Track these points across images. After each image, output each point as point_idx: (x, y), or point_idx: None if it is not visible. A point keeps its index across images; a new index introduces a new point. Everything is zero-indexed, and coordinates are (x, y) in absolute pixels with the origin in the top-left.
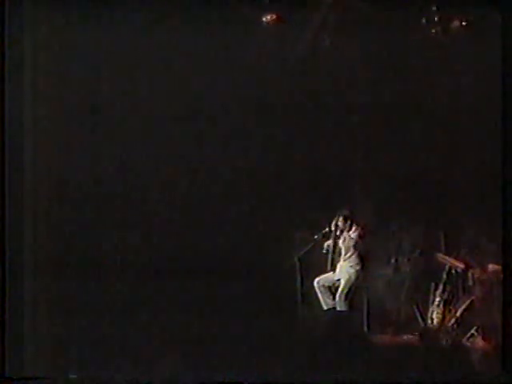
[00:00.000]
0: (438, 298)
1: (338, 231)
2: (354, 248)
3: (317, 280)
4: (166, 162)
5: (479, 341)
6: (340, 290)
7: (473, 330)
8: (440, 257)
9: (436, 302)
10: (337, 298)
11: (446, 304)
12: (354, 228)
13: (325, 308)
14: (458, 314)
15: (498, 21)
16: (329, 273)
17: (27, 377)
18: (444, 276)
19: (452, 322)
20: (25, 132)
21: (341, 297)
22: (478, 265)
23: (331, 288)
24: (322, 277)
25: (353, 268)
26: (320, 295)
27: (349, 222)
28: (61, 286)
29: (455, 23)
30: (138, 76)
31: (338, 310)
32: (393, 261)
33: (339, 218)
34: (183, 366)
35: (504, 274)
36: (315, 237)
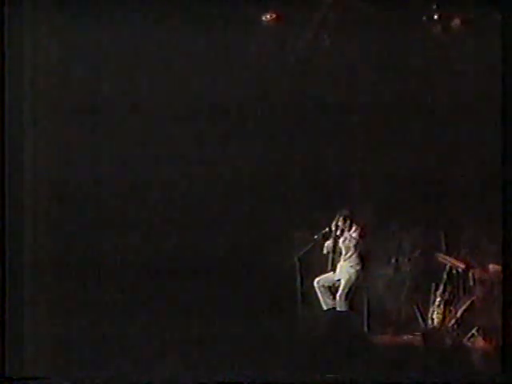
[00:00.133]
0: (438, 298)
1: (338, 231)
2: (355, 248)
3: (317, 280)
4: (166, 162)
5: (480, 341)
6: (340, 290)
7: (473, 331)
8: (440, 257)
9: (436, 302)
10: (337, 298)
11: (447, 304)
12: (354, 228)
13: (325, 308)
14: (458, 314)
15: (497, 20)
16: (329, 273)
17: (27, 377)
18: (444, 276)
19: (452, 322)
20: (25, 132)
21: (341, 297)
22: (479, 265)
23: (331, 288)
24: (322, 277)
25: (353, 268)
26: (320, 295)
27: (349, 222)
28: (61, 286)
29: (455, 23)
30: (138, 76)
31: (338, 310)
32: (393, 261)
33: (339, 218)
34: (183, 366)
35: (504, 274)
36: (315, 237)
